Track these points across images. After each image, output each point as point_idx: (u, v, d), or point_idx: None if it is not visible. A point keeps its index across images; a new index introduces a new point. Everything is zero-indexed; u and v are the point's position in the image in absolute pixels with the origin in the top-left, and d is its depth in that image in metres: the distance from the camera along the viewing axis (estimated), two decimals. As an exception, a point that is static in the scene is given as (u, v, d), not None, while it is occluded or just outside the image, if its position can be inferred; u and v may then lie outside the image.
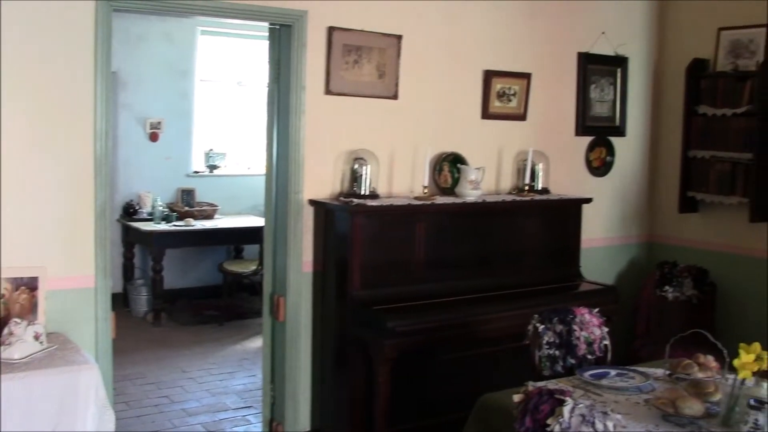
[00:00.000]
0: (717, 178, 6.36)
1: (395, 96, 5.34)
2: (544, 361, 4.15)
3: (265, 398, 5.40)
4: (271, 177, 5.22)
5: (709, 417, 3.33)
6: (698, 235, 6.70)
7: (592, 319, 4.30)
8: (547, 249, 5.83)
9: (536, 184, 5.92)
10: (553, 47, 6.17)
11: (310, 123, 5.04)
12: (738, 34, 6.35)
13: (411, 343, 4.71)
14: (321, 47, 5.05)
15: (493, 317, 5.02)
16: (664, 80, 6.92)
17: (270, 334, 5.31)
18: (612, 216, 6.76)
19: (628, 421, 3.31)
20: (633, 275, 6.87)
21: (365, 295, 4.87)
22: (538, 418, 2.84)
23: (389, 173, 5.38)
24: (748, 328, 6.07)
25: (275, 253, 5.22)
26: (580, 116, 6.41)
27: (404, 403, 5.07)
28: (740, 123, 6.18)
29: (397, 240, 5.08)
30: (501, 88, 5.82)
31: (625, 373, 3.96)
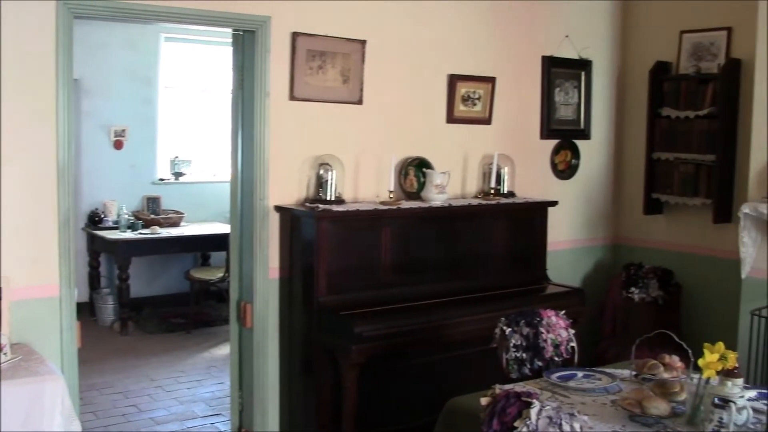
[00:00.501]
0: (681, 180, 6.42)
1: (360, 101, 5.33)
2: (512, 364, 4.16)
3: (234, 405, 5.37)
4: (236, 184, 5.19)
5: (675, 416, 3.37)
6: (663, 236, 6.75)
7: (558, 322, 4.31)
8: (514, 252, 5.84)
9: (502, 187, 5.94)
10: (517, 51, 6.19)
11: (275, 129, 5.02)
12: (700, 36, 6.41)
13: (378, 347, 4.70)
14: (285, 53, 5.03)
15: (459, 321, 5.02)
16: (627, 83, 6.98)
17: (237, 341, 5.28)
18: (578, 218, 6.80)
19: (595, 422, 3.33)
20: (599, 277, 6.91)
21: (332, 300, 4.86)
22: (506, 420, 2.84)
23: (355, 178, 5.37)
24: (713, 328, 6.12)
25: (241, 260, 5.20)
26: (544, 119, 6.44)
27: (372, 408, 5.06)
28: (703, 125, 6.23)
29: (363, 245, 5.08)
30: (466, 92, 5.84)
31: (591, 375, 3.99)
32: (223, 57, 8.96)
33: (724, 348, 3.28)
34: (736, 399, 3.13)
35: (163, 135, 9.42)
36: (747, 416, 3.18)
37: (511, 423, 2.81)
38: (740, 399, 3.17)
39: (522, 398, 2.86)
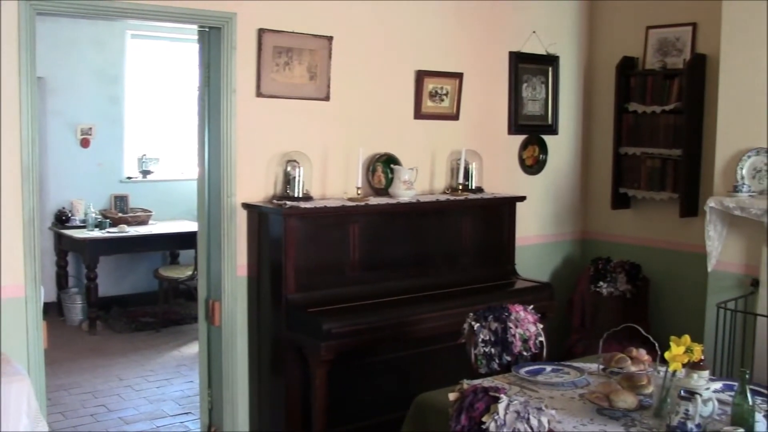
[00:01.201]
0: (648, 175, 6.46)
1: (327, 97, 5.32)
2: (480, 359, 4.17)
3: (203, 404, 5.34)
4: (203, 181, 5.16)
5: (642, 409, 3.39)
6: (631, 230, 6.80)
7: (527, 316, 4.33)
8: (482, 248, 5.86)
9: (470, 183, 5.95)
10: (484, 47, 6.20)
11: (242, 126, 5.00)
12: (666, 32, 6.46)
13: (347, 344, 4.69)
14: (251, 49, 5.01)
15: (428, 317, 5.03)
16: (594, 78, 7.02)
17: (206, 340, 5.26)
18: (546, 213, 6.83)
19: (564, 415, 3.34)
20: (568, 272, 6.95)
21: (300, 298, 4.85)
22: (474, 415, 2.84)
23: (323, 175, 5.36)
24: (680, 321, 6.19)
25: (209, 258, 5.17)
26: (512, 115, 6.45)
27: (342, 404, 5.06)
28: (669, 120, 6.29)
29: (331, 242, 5.07)
30: (433, 88, 5.84)
31: (560, 369, 4.01)
32: (190, 54, 8.91)
33: (690, 341, 3.31)
34: (701, 391, 3.15)
35: (131, 133, 9.35)
36: (712, 408, 3.21)
37: (479, 418, 2.81)
38: (706, 391, 3.19)
39: (490, 393, 2.87)
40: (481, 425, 2.80)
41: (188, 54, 9.09)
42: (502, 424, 2.75)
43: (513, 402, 2.79)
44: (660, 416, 3.31)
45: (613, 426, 3.24)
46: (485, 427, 2.77)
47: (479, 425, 2.81)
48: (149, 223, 8.94)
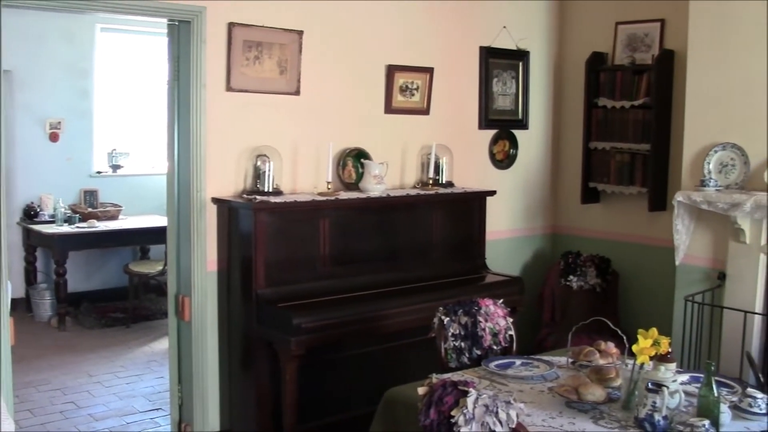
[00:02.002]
0: (617, 169, 6.51)
1: (297, 92, 5.31)
2: (450, 353, 4.19)
3: (173, 400, 5.32)
4: (172, 176, 5.13)
5: (611, 402, 3.42)
6: (600, 225, 6.85)
7: (496, 310, 4.35)
8: (453, 242, 5.87)
9: (440, 177, 5.96)
10: (455, 41, 6.21)
11: (212, 120, 4.98)
12: (634, 28, 6.50)
13: (317, 339, 4.69)
14: (221, 43, 4.99)
15: (398, 311, 5.04)
16: (564, 73, 7.05)
17: (176, 335, 5.24)
18: (516, 208, 6.85)
19: (533, 409, 3.37)
20: (538, 266, 6.98)
21: (270, 292, 4.84)
22: (443, 410, 2.85)
23: (293, 170, 5.35)
24: (649, 314, 6.23)
25: (179, 253, 5.15)
26: (483, 110, 6.47)
27: (313, 400, 5.06)
28: (638, 115, 6.33)
29: (301, 237, 5.06)
30: (404, 83, 5.84)
31: (529, 363, 4.03)
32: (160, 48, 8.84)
33: (658, 333, 3.34)
34: (668, 383, 3.18)
35: (101, 127, 9.28)
36: (679, 400, 3.25)
37: (448, 412, 2.82)
38: (673, 383, 3.22)
39: (459, 387, 2.88)
40: (450, 419, 2.81)
41: (158, 48, 9.02)
42: (471, 417, 2.76)
43: (482, 396, 2.80)
44: (628, 409, 3.34)
45: (581, 419, 3.27)
46: (454, 421, 2.78)
47: (448, 419, 2.82)
48: (119, 218, 8.88)
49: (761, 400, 3.33)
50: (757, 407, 3.30)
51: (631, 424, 3.19)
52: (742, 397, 3.38)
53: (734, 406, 3.34)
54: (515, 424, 2.75)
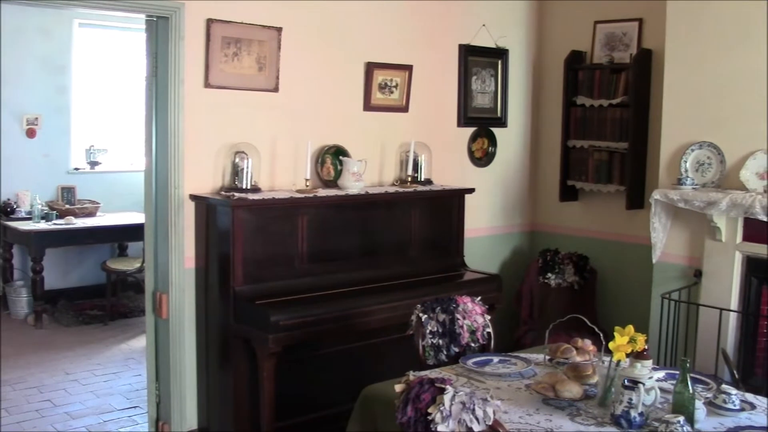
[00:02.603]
0: (595, 167, 6.54)
1: (276, 89, 5.29)
2: (428, 351, 4.19)
3: (151, 397, 5.30)
4: (150, 172, 5.11)
5: (587, 399, 3.43)
6: (578, 222, 6.88)
7: (474, 308, 4.35)
8: (431, 239, 5.88)
9: (419, 175, 5.96)
10: (434, 39, 6.21)
11: (190, 117, 4.96)
12: (613, 27, 6.53)
13: (295, 336, 4.69)
14: (199, 40, 4.97)
15: (376, 308, 5.04)
16: (543, 72, 7.07)
17: (153, 333, 5.22)
18: (495, 205, 6.87)
19: (510, 406, 3.37)
20: (516, 263, 7.00)
21: (248, 290, 4.83)
22: (420, 407, 2.84)
23: (271, 167, 5.33)
24: (627, 312, 6.27)
25: (156, 250, 5.12)
26: (461, 107, 6.48)
27: (290, 397, 5.05)
28: (616, 113, 6.37)
29: (279, 234, 5.05)
30: (383, 80, 5.84)
31: (507, 360, 4.04)
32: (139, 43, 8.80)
33: (635, 331, 3.35)
34: (644, 380, 3.19)
35: (78, 123, 9.21)
36: (655, 396, 3.26)
37: (425, 409, 2.82)
38: (649, 380, 3.23)
39: (436, 384, 2.87)
40: (427, 416, 2.81)
41: (137, 43, 8.97)
42: (448, 415, 2.76)
43: (459, 393, 2.80)
44: (604, 405, 3.35)
45: (558, 415, 3.28)
46: (431, 418, 2.78)
47: (425, 416, 2.81)
48: (97, 215, 8.82)
49: (735, 396, 3.36)
50: (731, 403, 3.33)
51: (608, 421, 3.20)
52: (716, 394, 3.40)
53: (709, 402, 3.36)
54: (492, 421, 2.75)
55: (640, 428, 3.11)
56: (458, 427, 2.74)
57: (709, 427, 3.17)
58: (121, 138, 9.59)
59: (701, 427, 3.15)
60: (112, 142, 9.54)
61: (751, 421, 3.25)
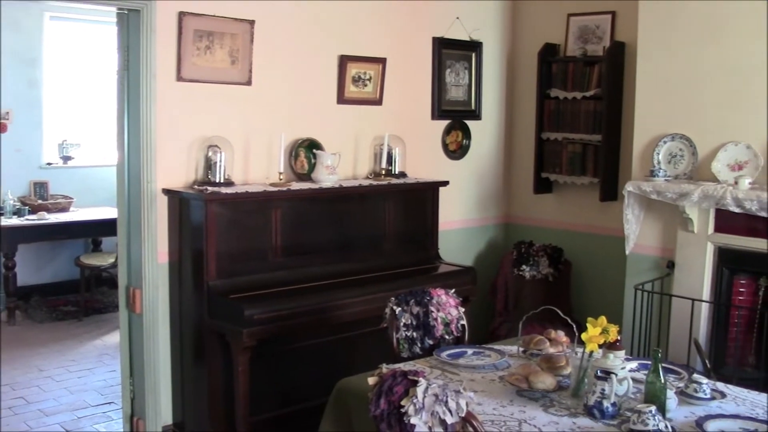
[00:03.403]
0: (569, 160, 6.57)
1: (249, 82, 5.27)
2: (403, 343, 4.19)
3: (125, 393, 5.27)
4: (123, 167, 5.08)
5: (561, 390, 3.44)
6: (553, 214, 6.91)
7: (448, 300, 4.36)
8: (406, 232, 5.88)
9: (393, 168, 5.96)
10: (408, 32, 6.21)
11: (162, 111, 4.92)
12: (586, 20, 6.56)
13: (269, 330, 4.68)
14: (171, 33, 4.93)
15: (351, 302, 5.04)
16: (517, 64, 7.09)
17: (127, 328, 5.19)
18: (469, 198, 6.88)
19: (484, 398, 3.38)
20: (491, 256, 7.02)
21: (222, 284, 4.81)
22: (393, 399, 2.85)
23: (244, 160, 5.31)
24: (601, 303, 6.31)
25: (129, 245, 5.09)
26: (435, 100, 6.48)
27: (265, 392, 5.04)
28: (589, 106, 6.40)
29: (253, 228, 5.03)
30: (356, 73, 5.83)
31: (481, 352, 4.05)
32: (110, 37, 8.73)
33: (607, 322, 3.37)
34: (617, 371, 3.20)
35: (50, 118, 9.12)
36: (627, 387, 3.27)
37: (398, 402, 2.82)
38: (621, 371, 3.25)
39: (408, 377, 2.87)
40: (400, 409, 2.81)
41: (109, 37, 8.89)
42: (421, 407, 2.76)
43: (431, 385, 2.80)
44: (577, 396, 3.37)
45: (531, 407, 3.29)
46: (404, 411, 2.78)
47: (398, 409, 2.82)
48: (70, 210, 8.74)
49: (706, 385, 3.39)
50: (702, 392, 3.36)
51: (581, 412, 3.22)
52: (688, 383, 3.43)
53: (680, 391, 3.39)
54: (465, 413, 2.76)
55: (613, 418, 3.13)
56: (431, 419, 2.74)
57: (680, 416, 3.20)
58: (94, 132, 9.50)
59: (672, 416, 3.17)
60: (86, 137, 9.45)
61: (722, 409, 3.28)
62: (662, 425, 2.95)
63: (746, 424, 3.09)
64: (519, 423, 3.12)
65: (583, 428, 3.07)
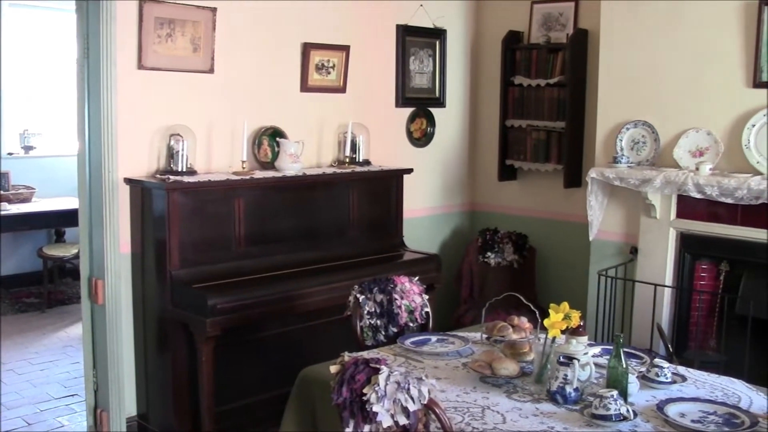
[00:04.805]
0: (533, 147, 6.59)
1: (211, 70, 5.22)
2: (367, 331, 4.19)
3: (88, 385, 5.21)
4: (84, 156, 5.00)
5: (524, 376, 3.46)
6: (517, 201, 6.93)
7: (412, 288, 4.36)
8: (370, 220, 5.88)
9: (357, 156, 5.94)
10: (371, 19, 6.18)
11: (123, 99, 4.86)
12: (549, 7, 6.57)
13: (233, 320, 4.65)
14: (132, 20, 4.87)
15: (315, 290, 5.03)
16: (481, 52, 7.09)
17: (89, 319, 5.12)
18: (434, 186, 6.88)
19: (447, 384, 3.39)
20: (456, 243, 7.03)
21: (185, 274, 4.78)
22: (355, 387, 2.84)
23: (207, 149, 5.27)
24: (566, 289, 6.34)
25: (91, 235, 5.03)
26: (399, 88, 6.47)
27: (230, 381, 5.02)
28: (553, 93, 6.43)
29: (216, 217, 5.00)
30: (320, 61, 5.80)
31: (445, 339, 4.05)
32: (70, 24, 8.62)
33: (572, 308, 3.38)
34: (579, 356, 3.22)
35: (10, 107, 9.00)
36: (590, 372, 3.29)
37: (360, 390, 2.81)
38: (584, 356, 3.27)
39: (370, 365, 2.87)
40: (362, 397, 2.80)
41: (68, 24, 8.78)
42: (383, 395, 2.76)
43: (393, 373, 2.80)
44: (540, 382, 3.38)
45: (495, 393, 3.30)
46: (366, 399, 2.78)
47: (360, 397, 2.81)
48: (32, 201, 8.65)
49: (667, 369, 3.42)
50: (663, 376, 3.39)
51: (544, 397, 3.24)
52: (649, 368, 3.46)
53: (642, 376, 3.41)
54: (427, 400, 2.76)
55: (575, 403, 3.15)
56: (393, 407, 2.74)
57: (642, 400, 3.22)
58: (56, 121, 9.39)
59: (634, 400, 3.19)
60: (48, 126, 9.34)
61: (682, 392, 3.31)
62: (624, 409, 2.97)
63: (705, 406, 3.12)
64: (482, 409, 3.13)
65: (546, 413, 3.09)
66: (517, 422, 3.00)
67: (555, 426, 2.96)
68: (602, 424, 2.94)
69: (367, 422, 2.79)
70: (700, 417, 3.02)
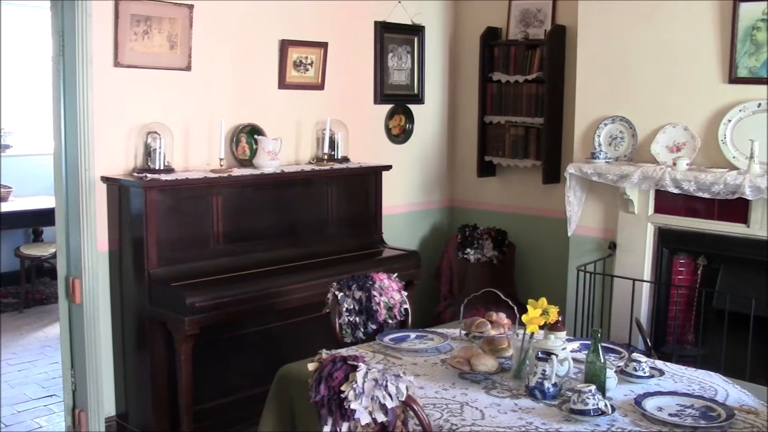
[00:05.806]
0: (512, 143, 6.60)
1: (188, 67, 5.20)
2: (345, 329, 4.19)
3: (66, 385, 5.18)
4: (60, 155, 4.96)
5: (503, 372, 3.46)
6: (496, 198, 6.94)
7: (391, 284, 4.36)
8: (349, 217, 5.87)
9: (336, 153, 5.93)
10: (349, 16, 6.17)
11: (100, 97, 4.82)
12: (527, 3, 6.59)
13: (211, 318, 4.64)
14: (108, 17, 4.84)
15: (294, 287, 5.02)
16: (459, 48, 7.10)
17: (67, 319, 5.08)
18: (413, 182, 6.88)
19: (426, 381, 3.38)
20: (436, 239, 7.04)
21: (163, 272, 4.76)
22: (333, 385, 2.83)
23: (185, 147, 5.25)
24: (545, 284, 6.37)
25: (68, 234, 4.99)
26: (378, 85, 6.47)
27: (209, 381, 5.01)
28: (531, 89, 6.45)
29: (194, 215, 4.98)
30: (297, 58, 5.78)
31: (424, 336, 4.05)
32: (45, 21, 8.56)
33: (551, 303, 3.39)
34: (558, 351, 3.23)
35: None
36: (568, 367, 3.30)
37: (338, 387, 2.81)
38: (562, 351, 3.27)
39: (348, 362, 2.86)
40: (340, 394, 2.80)
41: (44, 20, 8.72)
42: (361, 392, 2.75)
43: (371, 370, 2.80)
44: (519, 377, 3.39)
45: (473, 389, 3.30)
46: (344, 396, 2.78)
47: (338, 394, 2.81)
48: (9, 200, 8.57)
49: (645, 363, 3.43)
50: (641, 371, 3.40)
51: (522, 393, 3.24)
52: (627, 362, 3.47)
53: (620, 370, 3.42)
54: (405, 397, 2.76)
55: (554, 399, 3.15)
56: (371, 404, 2.74)
57: (620, 394, 3.23)
58: (33, 120, 9.32)
59: (612, 394, 3.20)
60: (24, 124, 9.27)
61: (660, 386, 3.33)
62: (602, 404, 2.97)
63: (683, 400, 3.14)
64: (461, 406, 3.13)
65: (525, 409, 3.09)
66: (495, 418, 3.00)
67: (533, 421, 2.97)
68: (581, 419, 2.94)
69: (345, 420, 2.79)
70: (678, 410, 3.04)
